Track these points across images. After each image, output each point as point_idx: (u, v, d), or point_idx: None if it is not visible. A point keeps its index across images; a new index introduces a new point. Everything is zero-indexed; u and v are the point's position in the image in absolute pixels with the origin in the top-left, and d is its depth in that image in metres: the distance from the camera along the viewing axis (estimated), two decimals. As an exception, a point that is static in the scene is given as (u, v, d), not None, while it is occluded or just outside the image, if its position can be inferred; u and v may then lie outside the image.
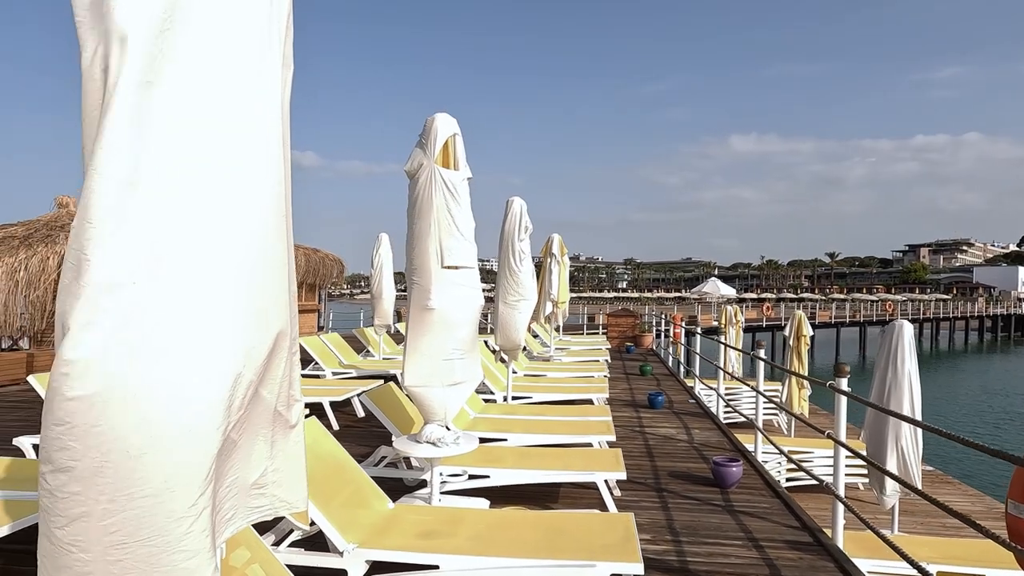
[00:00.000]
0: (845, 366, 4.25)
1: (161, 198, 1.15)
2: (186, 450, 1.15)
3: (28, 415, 7.57)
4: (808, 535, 4.12)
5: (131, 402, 1.10)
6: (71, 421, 1.08)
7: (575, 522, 3.42)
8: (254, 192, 1.28)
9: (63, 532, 1.11)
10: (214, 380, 1.19)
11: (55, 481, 1.10)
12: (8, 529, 3.21)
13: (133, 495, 1.11)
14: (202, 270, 1.19)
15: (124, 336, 1.11)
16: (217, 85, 1.22)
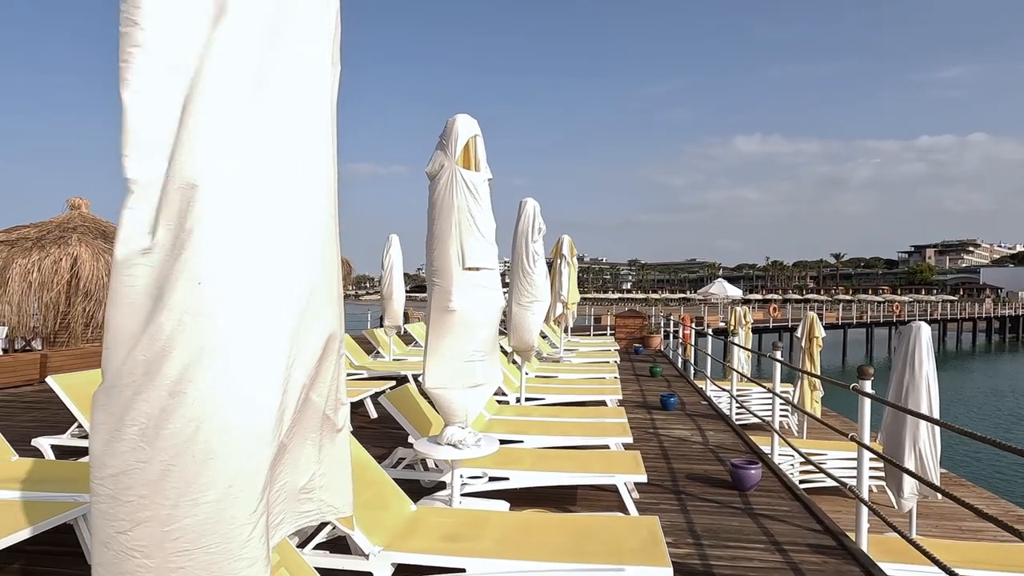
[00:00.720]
0: (869, 368, 4.22)
1: (226, 199, 1.14)
2: (248, 455, 1.14)
3: (43, 415, 7.59)
4: (831, 539, 4.09)
5: (198, 405, 1.09)
6: (142, 423, 1.07)
7: (600, 525, 3.40)
8: (311, 193, 1.27)
9: (125, 537, 1.10)
10: (272, 384, 1.18)
11: (117, 485, 1.09)
12: (30, 532, 3.20)
13: (197, 500, 1.10)
14: (262, 271, 1.18)
15: (190, 337, 1.10)
16: (277, 86, 1.21)
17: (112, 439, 1.10)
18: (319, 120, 1.31)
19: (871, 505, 4.07)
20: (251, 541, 1.14)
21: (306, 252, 1.25)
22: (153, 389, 1.08)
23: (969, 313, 52.90)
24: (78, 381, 5.50)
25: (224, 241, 1.13)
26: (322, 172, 1.31)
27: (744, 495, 4.94)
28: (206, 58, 1.13)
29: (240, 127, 1.16)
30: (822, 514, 4.49)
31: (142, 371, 1.08)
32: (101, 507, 1.11)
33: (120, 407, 1.09)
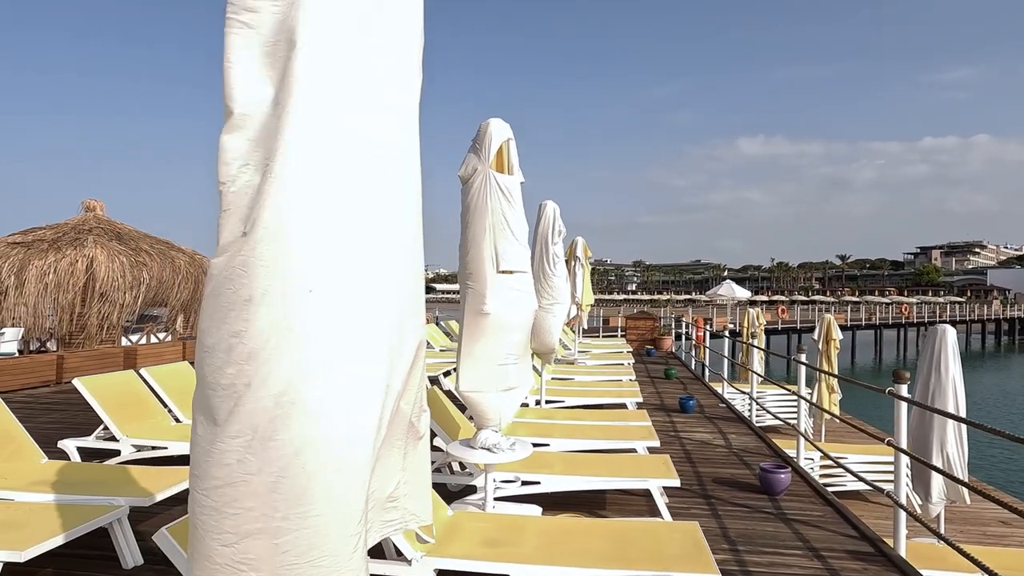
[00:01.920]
0: (904, 372, 4.18)
1: (332, 208, 1.12)
2: (352, 466, 1.11)
3: (63, 417, 7.59)
4: (868, 544, 4.05)
5: (307, 416, 1.07)
6: (249, 434, 1.04)
7: (639, 530, 3.37)
8: (405, 202, 1.25)
9: (231, 550, 1.07)
10: (375, 394, 1.16)
11: (223, 497, 1.06)
12: (67, 536, 3.17)
13: (307, 513, 1.07)
14: (366, 281, 1.16)
15: (298, 348, 1.07)
16: (373, 96, 1.19)
17: (215, 450, 1.07)
18: (411, 134, 1.29)
19: (909, 510, 4.02)
20: (356, 553, 1.12)
21: (403, 260, 1.23)
22: (259, 400, 1.05)
23: (978, 315, 52.64)
24: (104, 383, 5.50)
25: (331, 250, 1.11)
26: (413, 180, 1.29)
27: (774, 499, 4.90)
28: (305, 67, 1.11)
29: (341, 135, 1.14)
30: (856, 519, 4.45)
31: (246, 382, 1.06)
32: (204, 519, 1.09)
33: (222, 417, 1.07)
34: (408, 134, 1.28)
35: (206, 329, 1.11)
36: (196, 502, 1.10)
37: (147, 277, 13.27)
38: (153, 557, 3.68)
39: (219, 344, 1.09)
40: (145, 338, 14.32)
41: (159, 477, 3.98)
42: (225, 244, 1.11)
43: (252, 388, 1.05)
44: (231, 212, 1.10)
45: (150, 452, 5.11)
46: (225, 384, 1.06)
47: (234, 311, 1.08)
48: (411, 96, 1.30)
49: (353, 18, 1.14)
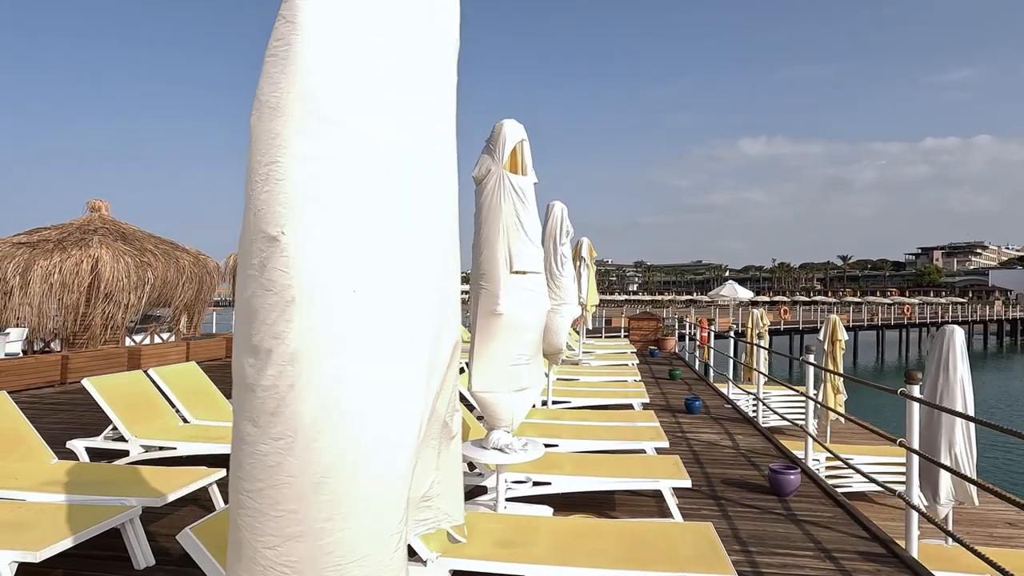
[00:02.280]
0: (916, 373, 4.17)
1: (372, 209, 1.12)
2: (394, 466, 1.11)
3: (69, 417, 7.59)
4: (880, 546, 4.04)
5: (350, 417, 1.06)
6: (291, 436, 1.04)
7: (653, 531, 3.37)
8: (441, 206, 1.25)
9: (274, 552, 1.07)
10: (414, 395, 1.15)
11: (265, 499, 1.06)
12: (80, 536, 3.16)
13: (350, 513, 1.07)
14: (408, 281, 1.16)
15: (342, 348, 1.07)
16: (410, 103, 1.19)
17: (258, 452, 1.07)
18: (447, 131, 1.29)
19: (923, 511, 4.02)
20: (398, 552, 1.12)
21: (440, 262, 1.23)
22: (301, 402, 1.05)
23: (980, 315, 52.57)
24: (112, 383, 5.50)
25: (372, 250, 1.11)
26: (450, 183, 1.29)
27: (784, 500, 4.89)
28: (337, 66, 1.10)
29: (379, 137, 1.13)
30: (867, 521, 4.44)
31: (288, 383, 1.05)
32: (247, 521, 1.08)
33: (264, 418, 1.06)
34: (445, 136, 1.28)
35: (246, 331, 1.10)
36: (239, 504, 1.10)
37: (152, 277, 13.28)
38: (164, 558, 3.68)
39: (261, 345, 1.08)
40: (149, 338, 14.33)
41: (170, 477, 3.98)
42: (262, 245, 1.11)
43: (295, 390, 1.04)
44: (264, 213, 1.09)
45: (159, 452, 5.10)
46: (266, 385, 1.06)
47: (275, 312, 1.07)
48: (447, 98, 1.30)
49: (385, 19, 1.14)
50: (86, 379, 5.28)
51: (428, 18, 1.23)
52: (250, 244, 1.11)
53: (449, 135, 1.30)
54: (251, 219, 1.09)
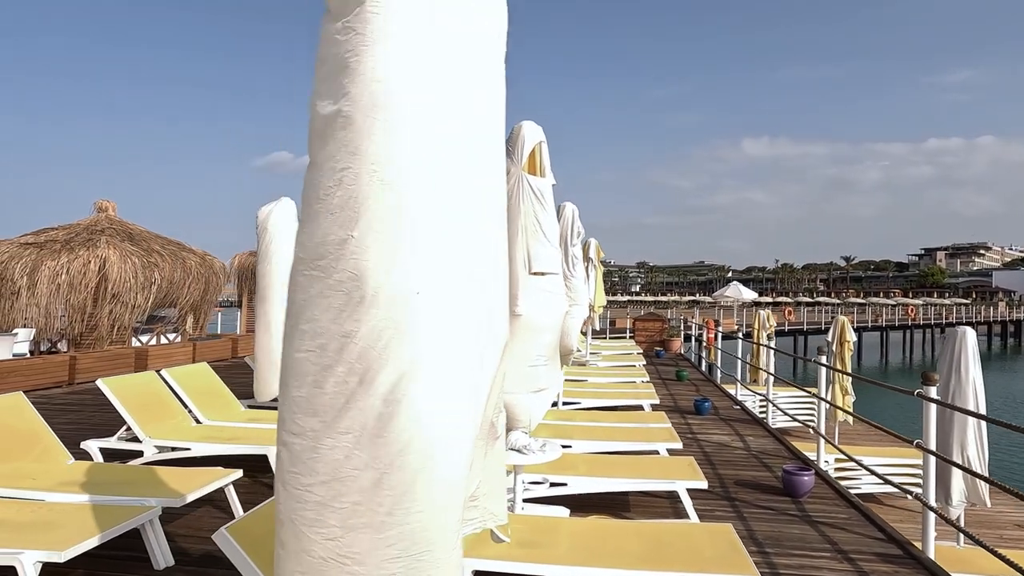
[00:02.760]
0: (934, 374, 4.17)
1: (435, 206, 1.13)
2: (456, 463, 1.13)
3: (79, 417, 7.61)
4: (896, 547, 4.04)
5: (413, 414, 1.08)
6: (359, 431, 1.06)
7: (673, 532, 3.37)
8: (493, 208, 1.26)
9: (335, 544, 1.09)
10: (472, 394, 1.17)
11: (329, 491, 1.08)
12: (102, 537, 3.17)
13: (410, 508, 1.09)
14: (466, 281, 1.17)
15: (407, 346, 1.08)
16: (471, 97, 1.20)
17: (322, 446, 1.09)
18: (500, 135, 1.30)
19: (941, 513, 4.01)
20: (454, 550, 1.14)
21: (495, 260, 1.24)
22: (368, 398, 1.07)
23: (984, 316, 52.51)
24: (126, 384, 5.51)
25: (435, 252, 1.12)
26: (501, 186, 1.30)
27: (798, 502, 4.89)
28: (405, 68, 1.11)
29: (442, 139, 1.15)
30: (883, 522, 4.44)
31: (357, 380, 1.07)
32: (305, 514, 1.10)
33: (331, 414, 1.08)
34: (497, 142, 1.30)
35: (313, 329, 1.12)
36: (296, 498, 1.11)
37: (159, 278, 13.32)
38: (183, 558, 3.70)
39: (329, 344, 1.11)
40: (155, 339, 14.36)
41: (188, 478, 3.99)
42: (330, 247, 1.12)
43: (363, 385, 1.07)
44: (336, 216, 1.11)
45: (171, 453, 5.12)
46: (335, 382, 1.08)
47: (344, 312, 1.10)
48: (499, 104, 1.31)
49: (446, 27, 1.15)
50: (100, 380, 5.29)
51: (482, 25, 1.24)
52: (317, 246, 1.12)
53: (500, 141, 1.32)
54: (321, 221, 1.11)
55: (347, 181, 1.10)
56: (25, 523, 3.27)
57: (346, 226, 1.10)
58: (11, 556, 2.85)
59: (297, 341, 1.14)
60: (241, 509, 4.33)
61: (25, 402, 4.61)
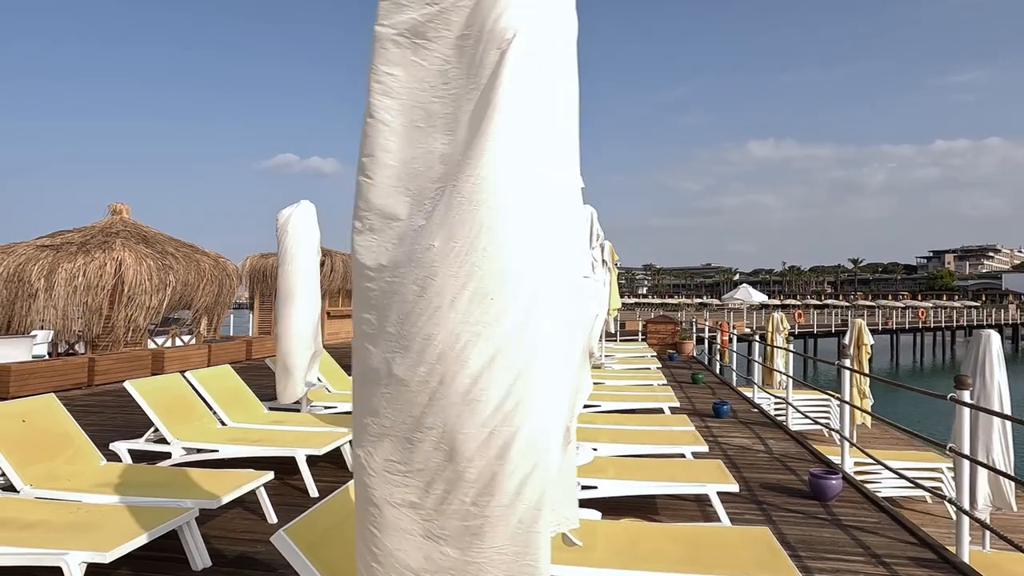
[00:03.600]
0: (967, 377, 4.15)
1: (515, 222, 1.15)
2: (544, 464, 1.14)
3: (101, 419, 7.66)
4: (930, 552, 4.02)
5: (519, 412, 1.09)
6: (442, 427, 1.08)
7: (710, 536, 3.36)
8: (571, 214, 1.27)
9: (431, 524, 1.11)
10: (561, 393, 1.18)
11: (422, 478, 1.10)
12: (143, 539, 3.17)
13: (515, 507, 1.10)
14: (553, 289, 1.18)
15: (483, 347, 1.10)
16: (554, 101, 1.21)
17: (410, 440, 1.11)
18: (575, 128, 1.32)
19: (977, 518, 3.99)
20: (543, 548, 1.15)
21: (571, 268, 1.25)
22: (448, 396, 1.09)
23: (994, 319, 52.18)
24: (153, 386, 5.55)
25: (520, 252, 1.14)
26: (576, 183, 1.32)
27: (826, 505, 4.88)
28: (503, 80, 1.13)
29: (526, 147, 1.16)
30: (915, 526, 4.42)
31: (438, 380, 1.09)
32: (408, 496, 1.13)
33: (417, 410, 1.11)
34: (574, 137, 1.31)
35: (398, 331, 1.15)
36: (393, 483, 1.14)
37: (173, 280, 13.40)
38: (220, 559, 3.72)
39: (412, 346, 1.14)
40: (170, 341, 14.43)
41: (221, 480, 4.01)
42: (412, 254, 1.14)
43: (444, 384, 1.09)
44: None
45: (197, 455, 5.14)
46: (419, 381, 1.11)
47: (425, 316, 1.12)
48: (575, 99, 1.32)
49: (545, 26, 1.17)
50: (128, 382, 5.33)
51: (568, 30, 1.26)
52: (399, 253, 1.14)
53: (576, 141, 1.34)
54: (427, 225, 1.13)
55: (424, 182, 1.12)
56: (66, 524, 3.29)
57: (428, 236, 1.12)
58: (57, 557, 2.87)
59: (384, 344, 1.16)
60: (272, 511, 4.34)
61: (57, 404, 4.65)
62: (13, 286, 12.09)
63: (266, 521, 4.30)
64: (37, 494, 3.82)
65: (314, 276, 6.59)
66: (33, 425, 4.33)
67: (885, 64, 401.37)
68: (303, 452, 4.91)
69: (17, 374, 9.04)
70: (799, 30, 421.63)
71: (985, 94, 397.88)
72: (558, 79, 1.24)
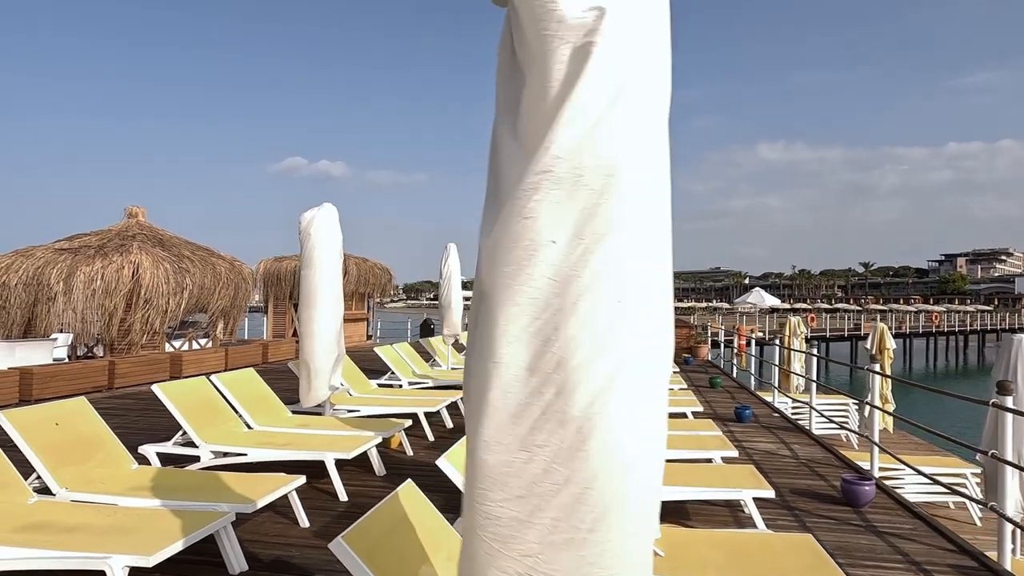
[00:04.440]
0: (1009, 383, 4.10)
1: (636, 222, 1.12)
2: (652, 477, 1.10)
3: (124, 421, 7.67)
4: (971, 559, 3.96)
5: (613, 429, 1.06)
6: (558, 444, 1.04)
7: (753, 542, 3.33)
8: (668, 210, 1.25)
9: (534, 560, 1.06)
10: (661, 409, 1.15)
11: (526, 507, 1.05)
12: (183, 544, 3.16)
13: (612, 526, 1.06)
14: (652, 296, 1.15)
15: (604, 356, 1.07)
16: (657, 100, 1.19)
17: (518, 459, 1.06)
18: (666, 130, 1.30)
19: (1021, 525, 3.93)
20: (648, 569, 1.11)
21: (669, 268, 1.23)
22: (567, 410, 1.04)
23: (1009, 323, 51.66)
24: (180, 390, 5.55)
25: (634, 260, 1.11)
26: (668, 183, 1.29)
27: (859, 512, 4.82)
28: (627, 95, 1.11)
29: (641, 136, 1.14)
30: (952, 533, 4.35)
31: (554, 391, 1.05)
32: (499, 530, 1.08)
33: (527, 425, 1.06)
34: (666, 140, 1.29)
35: (507, 338, 1.10)
36: (486, 514, 1.09)
37: (190, 283, 13.45)
38: (255, 563, 3.71)
39: (524, 353, 1.08)
40: (187, 344, 14.48)
41: (254, 484, 4.00)
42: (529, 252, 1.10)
43: (562, 396, 1.04)
44: (534, 220, 1.09)
45: (224, 459, 5.14)
46: (530, 392, 1.05)
47: (540, 320, 1.07)
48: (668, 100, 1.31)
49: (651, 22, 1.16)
50: (155, 385, 5.33)
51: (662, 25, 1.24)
52: (507, 252, 1.10)
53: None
54: (515, 224, 1.09)
55: (545, 186, 1.08)
56: (105, 527, 3.29)
57: (546, 232, 1.08)
58: (100, 560, 2.86)
59: (488, 351, 1.12)
60: (304, 515, 4.33)
61: (88, 407, 4.67)
62: (32, 289, 12.18)
63: (298, 525, 4.29)
64: (73, 497, 3.82)
65: (337, 279, 6.59)
66: (66, 428, 4.34)
67: (897, 66, 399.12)
68: (332, 456, 4.89)
69: (39, 377, 9.09)
70: (809, 32, 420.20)
71: (999, 96, 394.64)
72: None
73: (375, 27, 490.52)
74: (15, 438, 3.92)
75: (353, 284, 19.65)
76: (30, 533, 3.19)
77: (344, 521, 4.44)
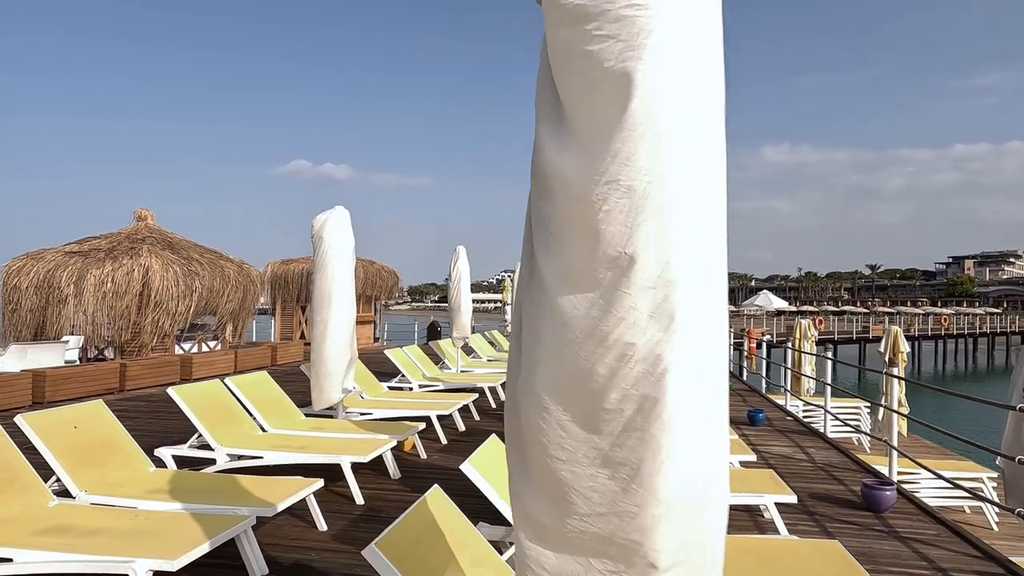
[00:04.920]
0: (1035, 387, 4.04)
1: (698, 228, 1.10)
2: (724, 497, 1.08)
3: (136, 424, 7.67)
4: (997, 565, 3.91)
5: (693, 450, 1.03)
6: (637, 463, 1.01)
7: (779, 548, 3.29)
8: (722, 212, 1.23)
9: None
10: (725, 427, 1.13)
11: (607, 525, 1.03)
12: (206, 547, 3.14)
13: (695, 546, 1.04)
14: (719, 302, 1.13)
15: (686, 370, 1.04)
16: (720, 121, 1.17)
17: (599, 476, 1.04)
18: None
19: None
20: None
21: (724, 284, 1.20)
22: (647, 427, 1.01)
23: (1020, 327, 51.36)
24: (195, 393, 5.54)
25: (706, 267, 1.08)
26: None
27: (881, 517, 4.77)
28: (686, 94, 1.09)
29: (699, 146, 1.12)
30: (977, 539, 4.31)
31: (633, 407, 1.02)
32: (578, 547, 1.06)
33: (607, 442, 1.03)
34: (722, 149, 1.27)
35: (576, 353, 1.07)
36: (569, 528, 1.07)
37: (199, 286, 13.48)
38: (275, 567, 3.69)
39: (597, 368, 1.05)
40: (197, 347, 14.51)
41: (273, 488, 3.99)
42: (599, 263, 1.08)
43: (641, 413, 1.01)
44: (586, 228, 1.07)
45: (238, 462, 5.12)
46: (609, 408, 1.03)
47: (614, 334, 1.04)
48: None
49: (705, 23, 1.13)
50: (171, 388, 5.33)
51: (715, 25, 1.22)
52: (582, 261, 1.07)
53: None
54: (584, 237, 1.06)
55: (613, 199, 1.05)
56: (127, 531, 3.28)
57: (615, 243, 1.05)
58: (124, 564, 2.85)
59: (560, 365, 1.09)
60: (322, 518, 4.31)
61: (106, 410, 4.66)
62: (44, 292, 12.23)
63: (316, 528, 4.27)
64: (92, 500, 3.81)
65: (349, 282, 6.58)
66: (84, 431, 4.33)
67: (904, 67, 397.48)
68: (348, 459, 4.87)
69: (52, 379, 9.11)
70: (814, 33, 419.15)
71: (1007, 97, 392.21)
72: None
73: (378, 29, 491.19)
74: (34, 441, 3.92)
75: (360, 287, 19.67)
76: (52, 536, 3.18)
77: (362, 525, 4.43)
